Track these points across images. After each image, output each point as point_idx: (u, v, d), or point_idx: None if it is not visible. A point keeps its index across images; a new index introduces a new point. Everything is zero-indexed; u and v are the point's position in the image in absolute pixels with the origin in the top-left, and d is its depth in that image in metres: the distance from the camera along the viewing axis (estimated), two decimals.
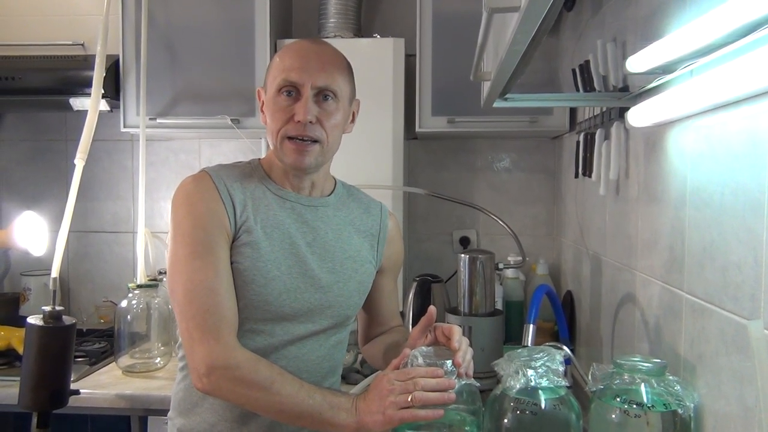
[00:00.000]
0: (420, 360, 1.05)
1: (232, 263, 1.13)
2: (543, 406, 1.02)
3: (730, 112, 0.88)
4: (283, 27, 2.23)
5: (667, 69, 1.02)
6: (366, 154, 2.03)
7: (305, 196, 1.24)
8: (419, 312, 1.99)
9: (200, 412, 1.19)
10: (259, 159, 1.28)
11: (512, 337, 2.04)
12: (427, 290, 2.01)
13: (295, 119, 1.15)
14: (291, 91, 1.16)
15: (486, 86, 1.31)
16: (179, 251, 1.12)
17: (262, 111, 1.23)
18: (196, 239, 1.11)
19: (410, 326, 1.96)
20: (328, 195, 1.28)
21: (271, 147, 1.21)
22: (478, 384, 1.07)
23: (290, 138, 1.16)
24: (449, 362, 1.04)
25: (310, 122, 1.15)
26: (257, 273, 1.14)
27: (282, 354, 1.18)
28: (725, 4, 0.74)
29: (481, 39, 0.96)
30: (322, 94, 1.17)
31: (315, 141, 1.17)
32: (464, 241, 2.37)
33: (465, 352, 1.08)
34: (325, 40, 2.06)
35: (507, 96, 1.27)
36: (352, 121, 1.28)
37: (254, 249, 1.14)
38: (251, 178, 1.22)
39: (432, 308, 1.16)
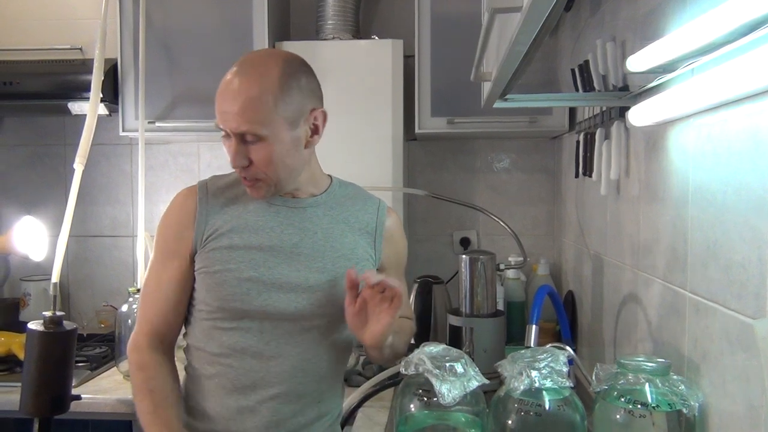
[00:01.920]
0: (428, 363, 1.05)
1: (201, 268, 1.21)
2: (547, 407, 1.02)
3: (732, 110, 0.88)
4: (281, 29, 2.22)
5: (667, 68, 1.02)
6: (365, 156, 2.02)
7: (291, 198, 1.25)
8: (421, 313, 1.99)
9: (200, 409, 1.23)
10: None
11: (514, 337, 2.04)
12: (428, 292, 2.00)
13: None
14: (226, 132, 1.16)
15: (486, 87, 1.31)
16: (153, 255, 1.29)
17: None
18: (159, 247, 1.26)
19: None
20: (320, 194, 1.28)
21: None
22: (487, 381, 1.06)
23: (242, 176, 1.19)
24: (458, 364, 1.04)
25: (243, 166, 1.15)
26: (229, 275, 1.18)
27: (278, 352, 1.20)
28: (726, 2, 0.74)
29: (482, 39, 0.96)
30: (246, 137, 1.14)
31: (259, 179, 1.18)
32: (465, 242, 2.36)
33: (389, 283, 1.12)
34: (324, 41, 2.07)
35: (507, 96, 1.26)
36: (315, 133, 1.21)
37: (224, 253, 1.20)
38: (240, 184, 1.25)
39: (350, 270, 1.16)
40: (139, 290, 1.89)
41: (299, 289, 1.20)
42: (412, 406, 1.12)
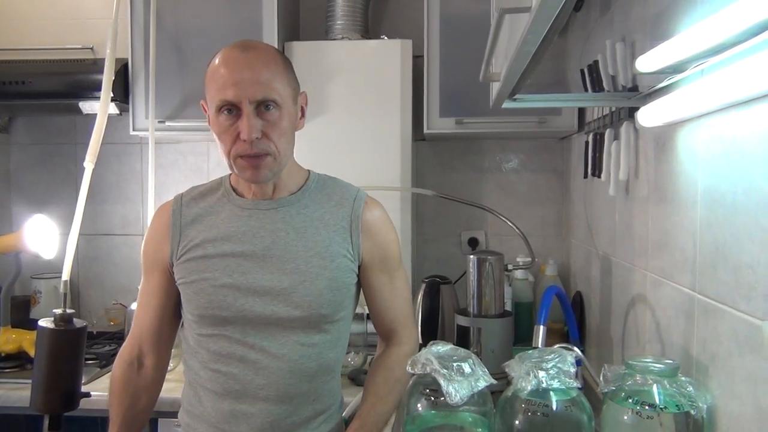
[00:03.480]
0: (435, 363, 1.04)
1: (180, 279, 1.24)
2: (554, 407, 1.02)
3: (743, 111, 0.87)
4: (290, 29, 2.23)
5: (677, 68, 1.01)
6: (374, 156, 2.03)
7: (267, 199, 1.25)
8: (428, 314, 1.99)
9: (198, 413, 1.24)
10: (231, 173, 1.30)
11: (522, 338, 2.04)
12: (435, 292, 2.01)
13: (241, 138, 1.14)
14: (230, 109, 1.15)
15: (495, 87, 1.31)
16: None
17: (210, 124, 1.22)
18: (143, 262, 1.33)
19: (419, 328, 1.95)
20: (294, 193, 1.27)
21: (226, 164, 1.22)
22: (495, 382, 1.06)
23: (242, 156, 1.17)
24: (466, 364, 1.03)
25: (257, 138, 1.14)
26: (205, 283, 1.21)
27: (263, 355, 1.20)
28: (736, 2, 0.74)
29: (491, 40, 0.96)
30: (263, 105, 1.15)
31: (266, 154, 1.17)
32: (473, 242, 2.36)
33: None
34: (334, 41, 2.08)
35: (516, 97, 1.26)
36: (302, 116, 1.27)
37: (199, 263, 1.22)
38: (215, 193, 1.29)
39: None
40: None
41: (273, 292, 1.20)
42: (419, 405, 1.12)
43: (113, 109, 2.08)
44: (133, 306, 1.88)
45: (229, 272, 1.20)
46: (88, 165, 1.73)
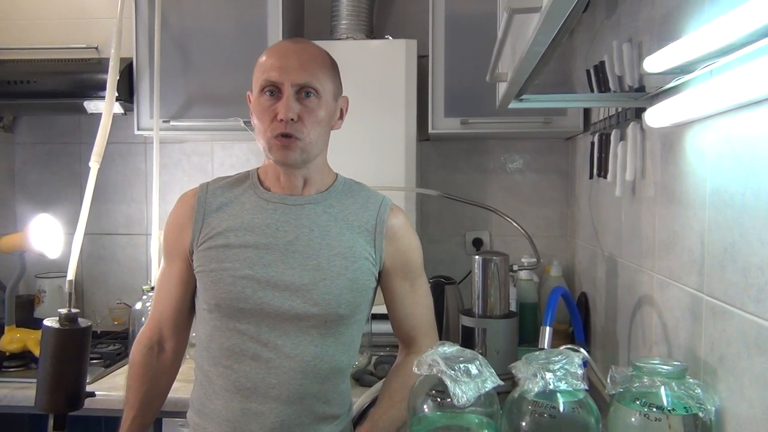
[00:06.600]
0: (442, 365, 1.04)
1: (198, 267, 1.24)
2: (562, 409, 1.01)
3: (752, 112, 0.87)
4: (295, 29, 2.23)
5: (685, 69, 1.01)
6: (378, 156, 2.02)
7: (296, 195, 1.26)
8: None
9: (208, 412, 1.23)
10: (258, 167, 1.33)
11: (526, 339, 2.03)
12: (440, 292, 2.00)
13: (277, 118, 1.18)
14: (273, 90, 1.20)
15: (501, 87, 1.31)
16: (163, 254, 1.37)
17: (252, 114, 1.25)
18: (164, 247, 1.33)
19: None
20: (321, 192, 1.29)
21: (260, 147, 1.25)
22: (502, 383, 1.06)
23: (275, 136, 1.20)
24: (472, 365, 1.03)
25: (292, 120, 1.18)
26: (224, 273, 1.20)
27: (276, 354, 1.20)
28: (746, 3, 0.74)
29: (499, 40, 0.96)
30: (303, 92, 1.20)
31: (298, 138, 1.20)
32: (477, 243, 2.36)
33: None
34: (338, 41, 2.08)
35: (523, 97, 1.26)
36: (341, 117, 1.31)
37: (220, 252, 1.22)
38: (241, 184, 1.30)
39: None
40: (152, 288, 1.91)
41: (293, 287, 1.20)
42: (425, 406, 1.11)
43: (118, 108, 2.08)
44: (138, 306, 1.89)
45: (249, 264, 1.20)
46: (94, 165, 1.73)
